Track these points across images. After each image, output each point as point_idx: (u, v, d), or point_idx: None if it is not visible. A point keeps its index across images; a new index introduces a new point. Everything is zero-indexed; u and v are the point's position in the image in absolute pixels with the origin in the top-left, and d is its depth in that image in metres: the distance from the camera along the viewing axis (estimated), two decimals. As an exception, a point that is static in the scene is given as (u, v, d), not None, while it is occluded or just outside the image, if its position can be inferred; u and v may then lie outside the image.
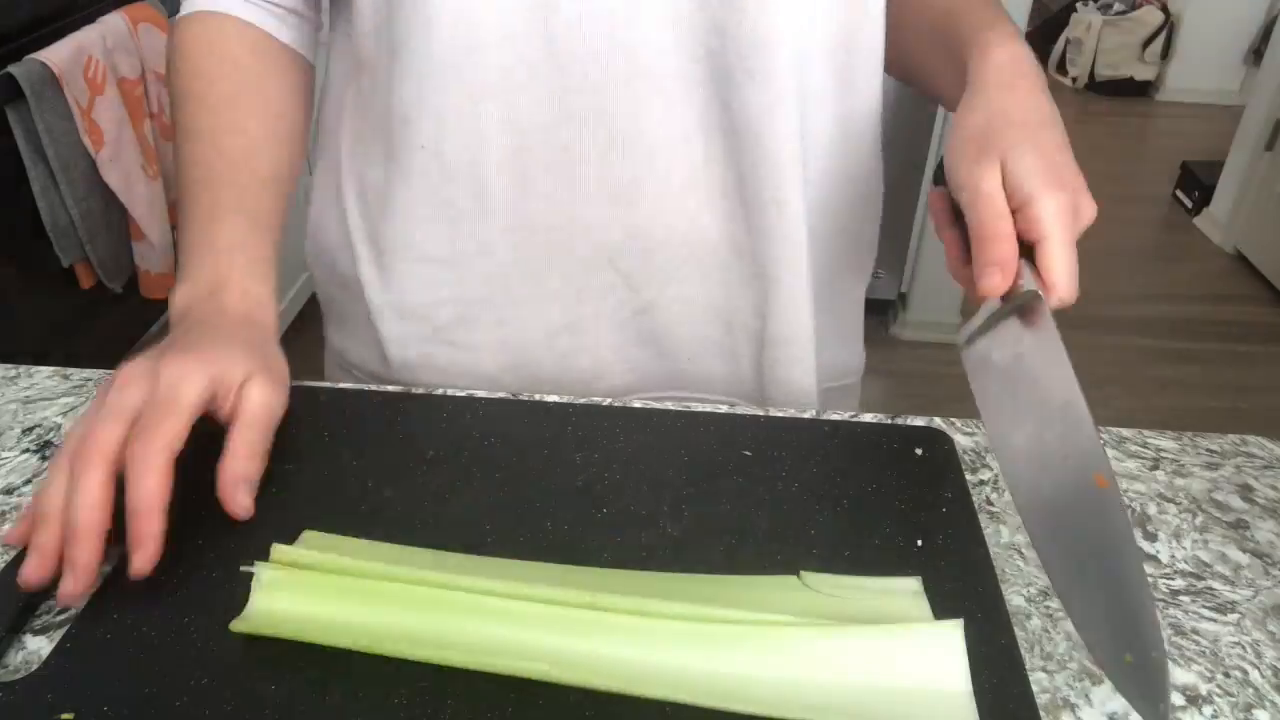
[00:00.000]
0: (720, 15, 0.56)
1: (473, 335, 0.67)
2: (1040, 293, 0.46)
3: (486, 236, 0.63)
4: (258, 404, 0.50)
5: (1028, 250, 0.48)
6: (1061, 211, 0.46)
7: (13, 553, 0.48)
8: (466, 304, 0.66)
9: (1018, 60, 0.53)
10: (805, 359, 0.68)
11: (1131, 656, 0.38)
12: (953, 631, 0.41)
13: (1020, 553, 0.51)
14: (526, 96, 0.58)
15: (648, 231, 0.63)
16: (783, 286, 0.65)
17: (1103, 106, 4.36)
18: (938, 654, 0.41)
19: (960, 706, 0.39)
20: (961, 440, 0.59)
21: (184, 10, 0.63)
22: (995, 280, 0.47)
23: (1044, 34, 4.58)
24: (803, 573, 0.46)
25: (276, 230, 0.60)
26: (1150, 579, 0.49)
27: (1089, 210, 0.48)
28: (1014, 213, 0.48)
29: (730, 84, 0.58)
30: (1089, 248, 0.50)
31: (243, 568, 0.44)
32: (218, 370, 0.49)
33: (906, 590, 0.46)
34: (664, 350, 0.68)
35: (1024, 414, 0.45)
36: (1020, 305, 0.47)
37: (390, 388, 0.61)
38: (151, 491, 0.44)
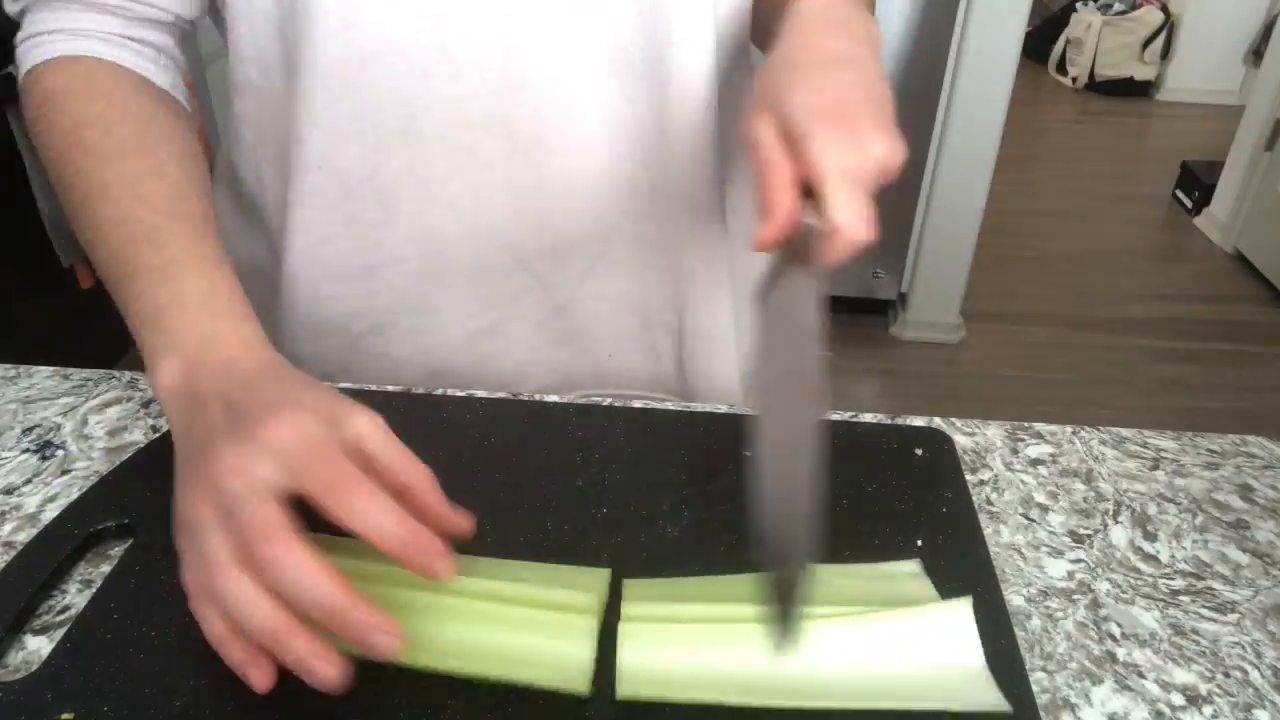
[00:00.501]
0: (623, 16, 0.55)
1: (389, 344, 0.66)
2: (814, 226, 0.43)
3: (394, 246, 0.62)
4: (371, 429, 0.41)
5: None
6: (837, 147, 0.43)
7: (13, 553, 0.48)
8: (380, 313, 0.65)
9: (826, 6, 0.50)
10: (725, 351, 0.67)
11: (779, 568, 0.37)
12: (963, 609, 0.42)
13: (1020, 553, 0.51)
14: (423, 105, 0.57)
15: (558, 233, 0.62)
16: (699, 281, 0.65)
17: (1103, 106, 4.36)
18: (951, 632, 0.41)
19: (977, 680, 0.40)
20: (961, 440, 0.59)
21: (35, 58, 0.54)
22: (763, 232, 0.44)
23: (1044, 34, 4.58)
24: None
25: (232, 271, 0.50)
26: (1150, 579, 0.49)
27: (879, 147, 0.44)
28: (797, 158, 0.44)
29: (634, 83, 0.57)
30: (1090, 248, 0.49)
31: None
32: (288, 438, 0.39)
33: (908, 573, 0.46)
34: (583, 348, 0.68)
35: (774, 347, 0.43)
36: (798, 247, 0.44)
37: (390, 387, 0.61)
38: (323, 587, 0.37)
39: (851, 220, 0.42)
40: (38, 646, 0.44)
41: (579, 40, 0.55)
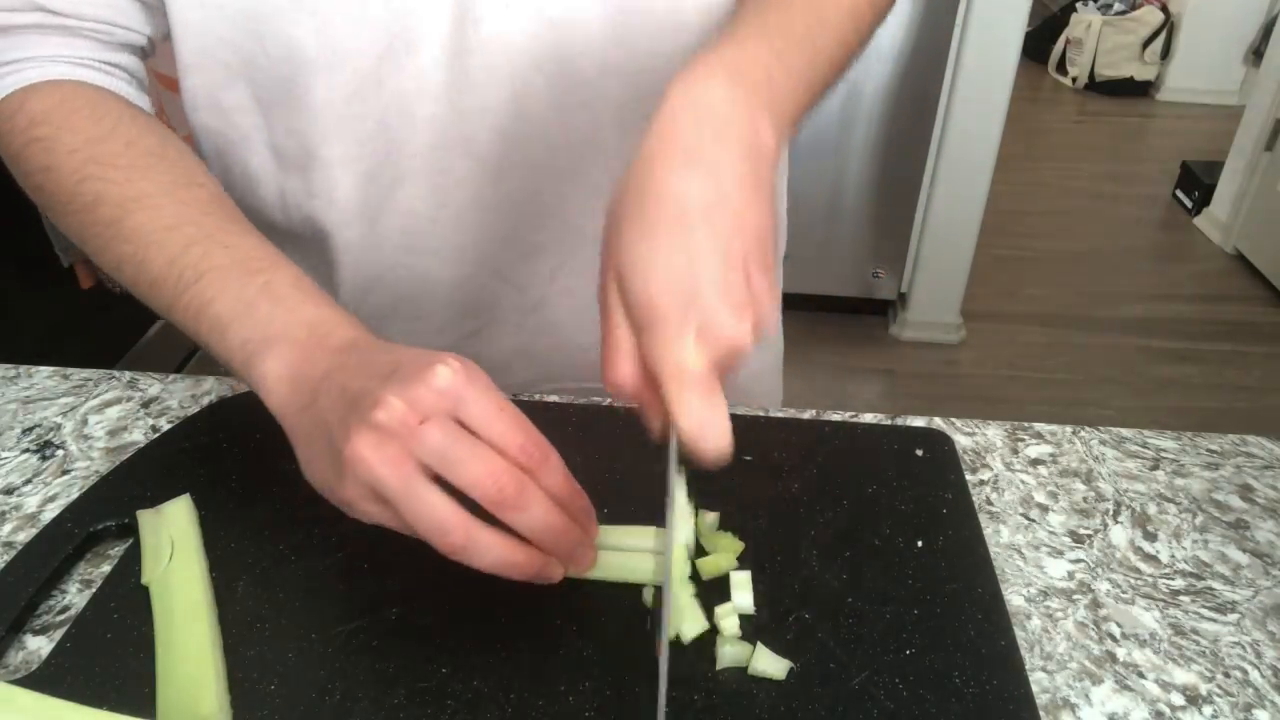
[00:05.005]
0: (578, 43, 0.55)
1: None
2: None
3: (381, 263, 0.63)
4: (480, 383, 0.40)
5: None
6: (676, 344, 0.37)
7: (13, 553, 0.48)
8: (374, 325, 0.65)
9: (708, 105, 0.40)
10: None
11: None
12: None
13: (1020, 553, 0.51)
14: (402, 129, 0.57)
15: (526, 241, 0.63)
16: None
17: (1103, 106, 4.36)
18: None
19: None
20: (961, 440, 0.59)
21: (6, 86, 0.52)
22: (649, 425, 0.41)
23: (1044, 34, 4.58)
24: None
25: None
26: (1150, 579, 0.49)
27: (729, 329, 0.38)
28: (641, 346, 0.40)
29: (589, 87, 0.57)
30: (1090, 248, 0.49)
31: None
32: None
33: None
34: (559, 342, 0.69)
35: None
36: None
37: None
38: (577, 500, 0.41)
39: (692, 427, 0.38)
40: (38, 646, 0.44)
41: (533, 64, 0.56)
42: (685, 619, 0.44)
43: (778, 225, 0.76)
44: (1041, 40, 4.58)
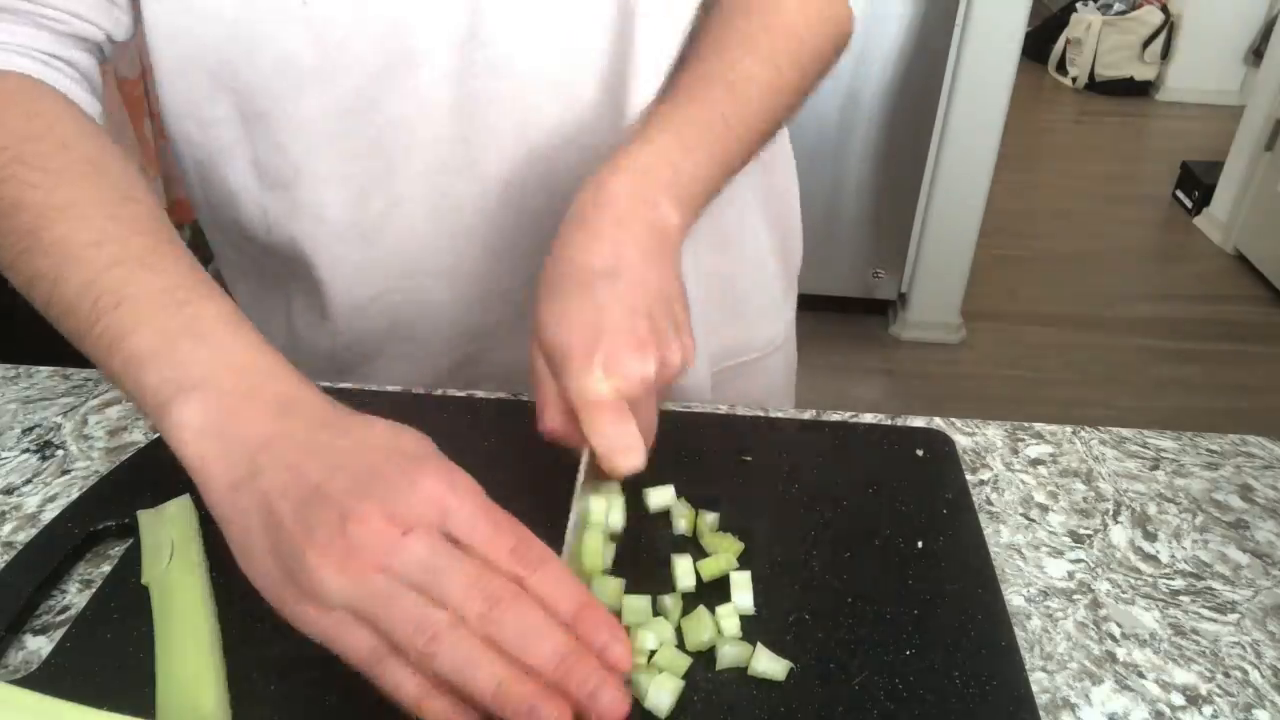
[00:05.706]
0: (586, 69, 0.56)
1: (375, 372, 0.67)
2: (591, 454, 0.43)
3: (379, 282, 0.62)
4: (467, 490, 0.38)
5: None
6: (587, 380, 0.42)
7: (13, 553, 0.48)
8: (367, 345, 0.66)
9: (610, 196, 0.47)
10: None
11: None
12: None
13: (1020, 553, 0.51)
14: (402, 147, 0.56)
15: (533, 264, 0.62)
16: None
17: (1103, 106, 4.36)
18: None
19: None
20: (961, 440, 0.59)
21: None
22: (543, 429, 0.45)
23: (1044, 34, 4.58)
24: None
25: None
26: (1150, 579, 0.49)
27: (634, 366, 0.42)
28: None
29: (594, 120, 0.58)
30: (1090, 248, 0.48)
31: None
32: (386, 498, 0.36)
33: None
34: None
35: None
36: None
37: (390, 388, 0.61)
38: (557, 638, 0.35)
39: (602, 444, 0.42)
40: (38, 646, 0.44)
41: (541, 87, 0.56)
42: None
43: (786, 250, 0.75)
44: (1041, 40, 4.59)
